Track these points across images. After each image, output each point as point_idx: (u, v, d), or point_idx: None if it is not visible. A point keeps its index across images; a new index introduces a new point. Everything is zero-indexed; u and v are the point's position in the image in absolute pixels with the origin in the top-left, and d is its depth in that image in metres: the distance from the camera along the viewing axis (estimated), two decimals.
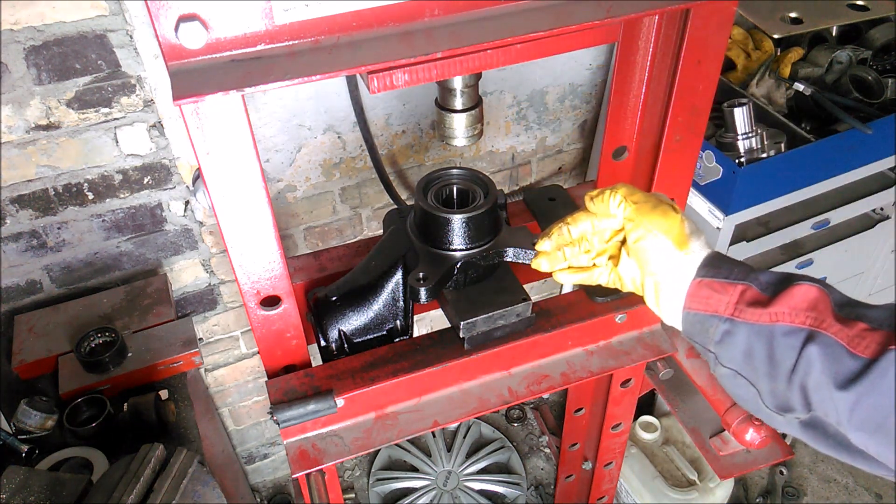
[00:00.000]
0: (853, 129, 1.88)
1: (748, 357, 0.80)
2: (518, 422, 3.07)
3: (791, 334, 0.77)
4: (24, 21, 1.49)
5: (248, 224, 0.93)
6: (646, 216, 0.89)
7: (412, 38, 0.81)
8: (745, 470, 1.29)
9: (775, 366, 0.78)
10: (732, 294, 0.82)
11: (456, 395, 1.17)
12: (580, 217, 0.97)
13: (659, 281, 0.90)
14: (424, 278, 1.05)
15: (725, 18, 0.98)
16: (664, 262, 0.89)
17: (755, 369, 0.80)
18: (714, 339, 0.84)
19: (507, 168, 2.42)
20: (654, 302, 0.92)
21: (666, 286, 0.89)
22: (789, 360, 0.77)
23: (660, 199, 0.92)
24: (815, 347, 0.75)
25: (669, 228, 0.88)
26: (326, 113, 1.97)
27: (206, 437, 1.69)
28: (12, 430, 1.59)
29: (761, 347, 0.79)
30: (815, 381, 0.74)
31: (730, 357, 0.83)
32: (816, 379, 0.74)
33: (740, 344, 0.81)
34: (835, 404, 0.73)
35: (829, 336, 0.75)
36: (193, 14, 0.72)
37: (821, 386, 0.74)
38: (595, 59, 2.26)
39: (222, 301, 2.22)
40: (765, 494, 2.80)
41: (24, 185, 1.73)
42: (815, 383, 0.75)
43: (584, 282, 1.01)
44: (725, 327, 0.82)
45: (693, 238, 0.89)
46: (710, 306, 0.84)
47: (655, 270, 0.90)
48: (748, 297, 0.81)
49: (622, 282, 0.97)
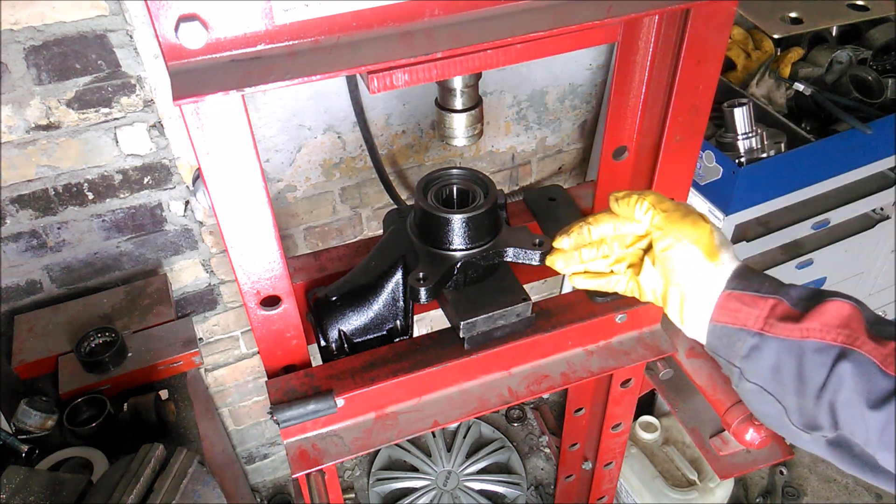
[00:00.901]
0: (853, 129, 1.88)
1: (776, 373, 0.79)
2: (518, 422, 3.07)
3: (822, 351, 0.75)
4: (24, 21, 1.49)
5: (248, 224, 0.93)
6: (675, 224, 0.87)
7: (412, 38, 0.81)
8: (745, 470, 1.29)
9: (804, 382, 0.76)
10: (763, 308, 0.80)
11: (456, 395, 1.17)
12: (602, 218, 0.94)
13: (686, 292, 0.87)
14: (424, 278, 1.05)
15: (725, 18, 0.98)
16: (693, 272, 0.86)
17: (783, 385, 0.79)
18: (741, 353, 0.82)
19: (507, 168, 2.42)
20: (678, 314, 0.89)
21: (693, 298, 0.87)
22: (819, 377, 0.75)
23: (689, 209, 0.89)
24: (848, 365, 0.73)
25: (700, 238, 0.86)
26: (326, 113, 1.97)
27: (206, 437, 1.69)
28: (12, 430, 1.59)
29: (790, 363, 0.77)
30: (845, 400, 0.73)
31: (756, 373, 0.81)
32: (847, 397, 0.73)
33: (769, 359, 0.79)
34: (865, 423, 0.72)
35: (862, 354, 0.73)
36: (193, 14, 0.72)
37: (851, 404, 0.73)
38: (595, 59, 2.26)
39: (222, 301, 2.22)
40: (765, 494, 2.80)
41: (24, 185, 1.73)
42: (844, 401, 0.73)
43: (600, 288, 0.98)
44: (754, 342, 0.80)
45: (723, 249, 0.86)
46: (738, 320, 0.82)
47: (682, 281, 0.87)
48: (779, 312, 0.79)
49: (641, 291, 0.94)
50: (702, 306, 0.86)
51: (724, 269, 0.85)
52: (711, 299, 0.84)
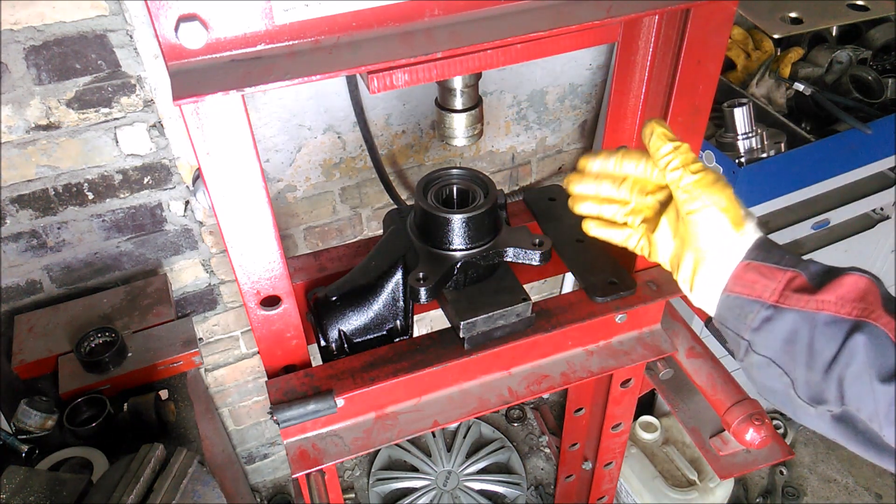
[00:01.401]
0: (853, 129, 1.88)
1: (788, 344, 0.78)
2: (518, 422, 3.07)
3: (835, 324, 0.75)
4: (24, 21, 1.49)
5: (248, 224, 0.93)
6: (706, 189, 0.84)
7: (412, 38, 0.81)
8: (745, 470, 1.29)
9: (814, 355, 0.76)
10: (781, 280, 0.79)
11: (456, 395, 1.17)
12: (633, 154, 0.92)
13: (702, 258, 0.85)
14: (424, 278, 1.05)
15: (725, 18, 0.98)
16: (716, 240, 0.84)
17: (793, 358, 0.78)
18: (752, 325, 0.81)
19: (507, 168, 2.42)
20: (689, 280, 0.88)
21: (709, 265, 0.85)
22: (829, 351, 0.75)
23: (718, 175, 0.87)
24: (862, 337, 0.73)
25: (728, 207, 0.83)
26: (326, 113, 1.97)
27: (206, 437, 1.69)
28: (12, 430, 1.59)
29: (803, 335, 0.77)
30: (855, 373, 0.73)
31: (766, 345, 0.80)
32: (856, 370, 0.73)
33: (781, 331, 0.78)
34: (874, 397, 0.71)
35: (877, 327, 0.73)
36: (193, 14, 0.72)
37: (860, 378, 0.72)
38: (595, 59, 2.26)
39: (222, 301, 2.22)
40: (765, 494, 2.80)
41: (24, 185, 1.73)
42: (854, 375, 0.73)
43: (612, 239, 0.96)
44: (767, 314, 0.79)
45: (748, 220, 0.84)
46: (754, 291, 0.81)
47: (703, 247, 0.85)
48: (796, 284, 0.78)
49: (654, 251, 0.92)
50: (717, 275, 0.84)
51: (746, 238, 0.83)
52: (728, 268, 0.83)
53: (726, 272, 0.83)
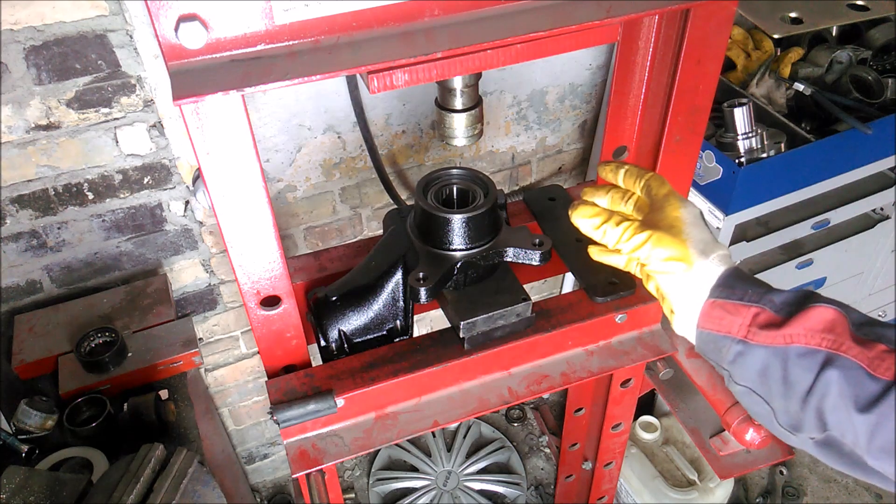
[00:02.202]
0: (853, 129, 1.88)
1: (763, 376, 0.79)
2: (518, 422, 3.07)
3: (807, 356, 0.76)
4: (24, 21, 1.49)
5: (248, 224, 0.93)
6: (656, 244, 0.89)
7: (412, 38, 0.81)
8: (745, 470, 1.29)
9: (790, 387, 0.77)
10: (745, 316, 0.81)
11: (456, 395, 1.17)
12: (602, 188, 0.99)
13: (673, 303, 0.89)
14: (424, 278, 1.05)
15: (725, 18, 0.98)
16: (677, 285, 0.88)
17: (769, 389, 0.80)
18: (728, 358, 0.83)
19: (507, 168, 2.42)
20: (669, 316, 0.92)
21: (679, 306, 0.89)
22: (804, 382, 0.75)
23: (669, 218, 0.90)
24: (835, 371, 0.73)
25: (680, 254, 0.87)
26: (326, 113, 1.97)
27: (206, 437, 1.69)
28: (12, 430, 1.59)
29: (776, 368, 0.78)
30: (833, 404, 0.73)
31: (743, 376, 0.82)
32: (834, 402, 0.73)
33: (754, 365, 0.80)
34: (854, 427, 0.72)
35: (848, 359, 0.73)
36: (193, 14, 0.72)
37: (838, 409, 0.73)
38: (595, 59, 2.26)
39: (222, 301, 2.22)
40: (765, 494, 2.80)
41: (24, 185, 1.73)
42: (832, 406, 0.74)
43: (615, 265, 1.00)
44: (738, 348, 0.81)
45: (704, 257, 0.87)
46: (723, 327, 0.83)
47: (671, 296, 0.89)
48: (761, 320, 0.80)
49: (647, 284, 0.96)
50: (689, 313, 0.87)
51: (708, 276, 0.86)
52: (697, 307, 0.86)
53: (696, 311, 0.86)
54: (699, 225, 0.91)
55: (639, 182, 0.96)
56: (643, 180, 0.96)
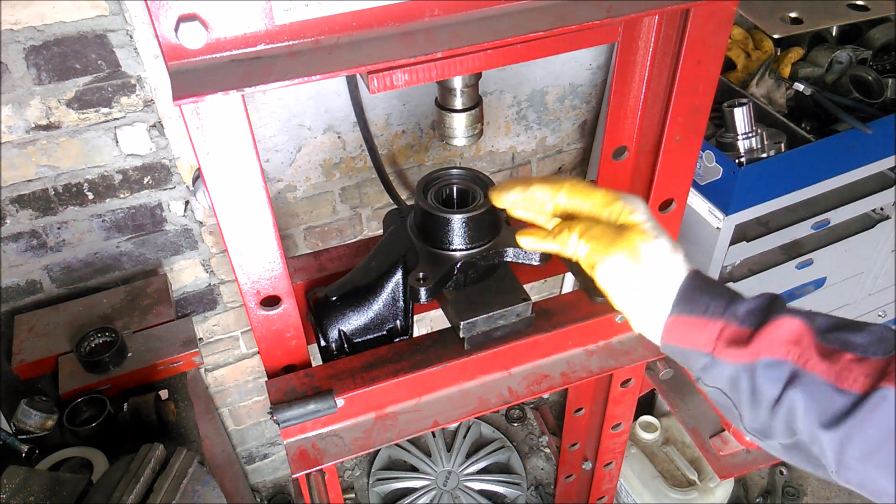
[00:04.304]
0: (853, 129, 1.88)
1: (733, 385, 0.78)
2: (518, 422, 3.07)
3: (773, 367, 0.74)
4: (24, 21, 1.49)
5: (248, 224, 0.93)
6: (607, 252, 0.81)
7: (412, 38, 0.81)
8: (745, 470, 1.30)
9: (757, 397, 0.76)
10: (711, 331, 0.78)
11: (456, 395, 1.17)
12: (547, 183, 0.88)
13: (631, 314, 0.84)
14: (424, 278, 1.05)
15: (725, 18, 0.98)
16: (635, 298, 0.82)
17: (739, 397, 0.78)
18: (696, 367, 0.81)
19: (507, 168, 2.42)
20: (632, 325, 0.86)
21: (640, 319, 0.84)
22: (771, 394, 0.74)
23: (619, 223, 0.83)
24: (799, 392, 0.72)
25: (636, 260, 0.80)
26: (326, 113, 1.97)
27: (206, 437, 1.69)
28: (12, 430, 1.59)
29: (744, 381, 0.76)
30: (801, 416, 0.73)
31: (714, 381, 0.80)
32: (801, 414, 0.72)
33: (724, 375, 0.78)
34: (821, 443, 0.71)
35: (814, 376, 0.71)
36: (193, 14, 0.72)
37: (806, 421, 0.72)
38: (595, 59, 2.26)
39: (222, 301, 2.22)
40: (765, 494, 2.80)
41: (24, 185, 1.73)
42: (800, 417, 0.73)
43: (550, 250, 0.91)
44: (706, 361, 0.79)
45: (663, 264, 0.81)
46: (688, 342, 0.80)
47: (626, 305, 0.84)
48: (727, 336, 0.77)
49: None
50: (651, 327, 0.83)
51: (668, 288, 0.80)
52: (659, 323, 0.81)
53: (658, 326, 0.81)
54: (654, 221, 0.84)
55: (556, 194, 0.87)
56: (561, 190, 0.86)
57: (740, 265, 2.14)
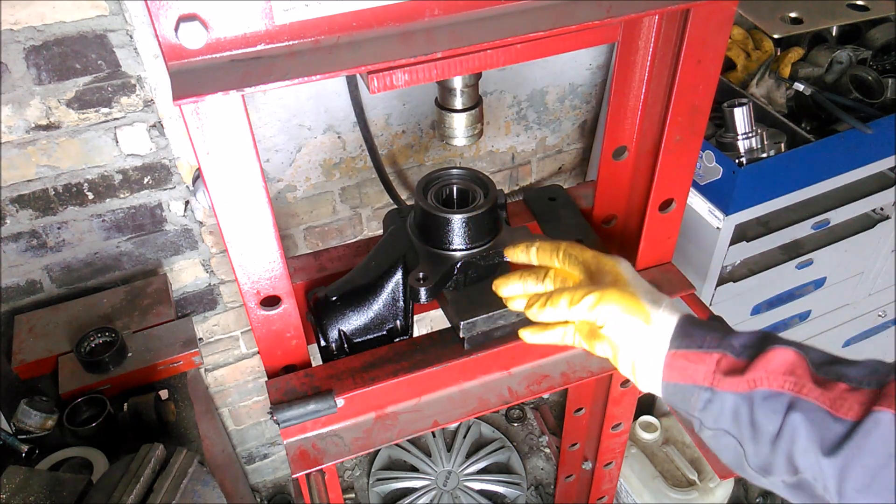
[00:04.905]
0: (853, 129, 1.88)
1: (735, 419, 0.80)
2: (518, 422, 3.07)
3: (771, 399, 0.76)
4: (24, 21, 1.49)
5: (248, 224, 0.93)
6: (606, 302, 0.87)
7: (412, 38, 0.81)
8: None
9: (758, 430, 0.77)
10: (709, 363, 0.81)
11: (456, 395, 1.17)
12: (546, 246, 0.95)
13: (633, 359, 0.88)
14: (424, 278, 1.05)
15: (725, 18, 0.98)
16: (636, 341, 0.86)
17: (741, 431, 0.80)
18: (697, 406, 0.83)
19: (507, 168, 2.42)
20: (633, 377, 0.90)
21: (641, 364, 0.87)
22: (772, 426, 0.76)
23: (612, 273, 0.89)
24: (799, 415, 0.73)
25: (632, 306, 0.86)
26: (326, 113, 1.97)
27: (206, 437, 1.69)
28: (12, 430, 1.59)
29: (744, 412, 0.78)
30: (802, 448, 0.73)
31: (716, 420, 0.82)
32: (803, 446, 0.73)
33: (725, 409, 0.80)
34: (822, 471, 0.72)
35: (810, 402, 0.73)
36: (193, 14, 0.72)
37: (808, 452, 0.73)
38: (595, 59, 2.26)
39: (222, 301, 2.22)
40: (765, 494, 2.80)
41: (24, 185, 1.73)
42: (802, 449, 0.74)
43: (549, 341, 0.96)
44: (707, 395, 0.81)
45: (656, 307, 0.87)
46: (688, 377, 0.82)
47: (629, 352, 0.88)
48: (724, 366, 0.80)
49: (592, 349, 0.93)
50: (652, 368, 0.86)
51: (664, 327, 0.85)
52: (659, 360, 0.85)
53: (658, 364, 0.85)
54: (638, 276, 0.91)
55: (555, 254, 0.93)
56: (560, 251, 0.93)
57: (740, 265, 2.14)
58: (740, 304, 2.15)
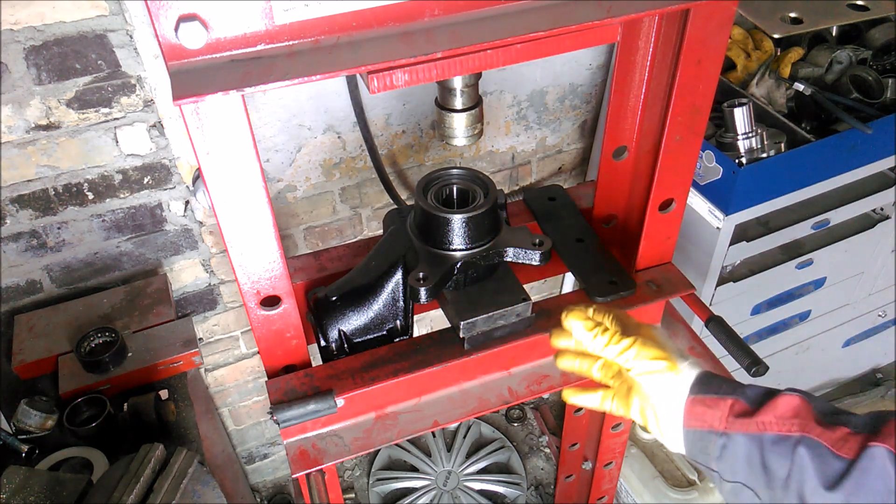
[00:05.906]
0: (853, 129, 1.88)
1: (749, 465, 0.84)
2: (518, 422, 3.07)
3: (780, 442, 0.81)
4: (24, 21, 1.49)
5: (248, 224, 0.93)
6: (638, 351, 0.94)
7: (412, 38, 0.81)
8: None
9: (769, 474, 0.82)
10: (723, 408, 0.87)
11: (456, 395, 1.17)
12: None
13: (659, 407, 0.94)
14: (424, 278, 1.05)
15: (725, 18, 0.98)
16: (662, 388, 0.93)
17: (755, 478, 0.84)
18: (714, 455, 0.87)
19: (507, 168, 2.42)
20: (658, 429, 0.95)
21: (664, 411, 0.93)
22: (783, 468, 0.80)
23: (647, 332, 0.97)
24: (804, 449, 0.78)
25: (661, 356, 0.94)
26: (326, 113, 1.97)
27: (206, 437, 1.69)
28: (12, 430, 1.59)
29: (755, 456, 0.83)
30: (812, 488, 0.78)
31: (731, 470, 0.86)
32: (813, 485, 0.77)
33: (739, 454, 0.85)
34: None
35: (813, 439, 0.79)
36: (193, 14, 0.72)
37: (817, 491, 0.77)
38: (595, 59, 2.26)
39: (222, 301, 2.22)
40: None
41: (24, 185, 1.73)
42: (811, 489, 0.78)
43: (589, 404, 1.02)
44: (722, 441, 0.86)
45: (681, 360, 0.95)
46: (706, 422, 0.88)
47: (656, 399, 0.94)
48: (737, 410, 0.86)
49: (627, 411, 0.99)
50: (674, 416, 0.92)
51: (686, 377, 0.93)
52: (679, 408, 0.91)
53: (679, 411, 0.91)
54: (670, 339, 0.99)
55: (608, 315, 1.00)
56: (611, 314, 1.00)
57: (740, 265, 2.14)
58: (740, 304, 2.16)
